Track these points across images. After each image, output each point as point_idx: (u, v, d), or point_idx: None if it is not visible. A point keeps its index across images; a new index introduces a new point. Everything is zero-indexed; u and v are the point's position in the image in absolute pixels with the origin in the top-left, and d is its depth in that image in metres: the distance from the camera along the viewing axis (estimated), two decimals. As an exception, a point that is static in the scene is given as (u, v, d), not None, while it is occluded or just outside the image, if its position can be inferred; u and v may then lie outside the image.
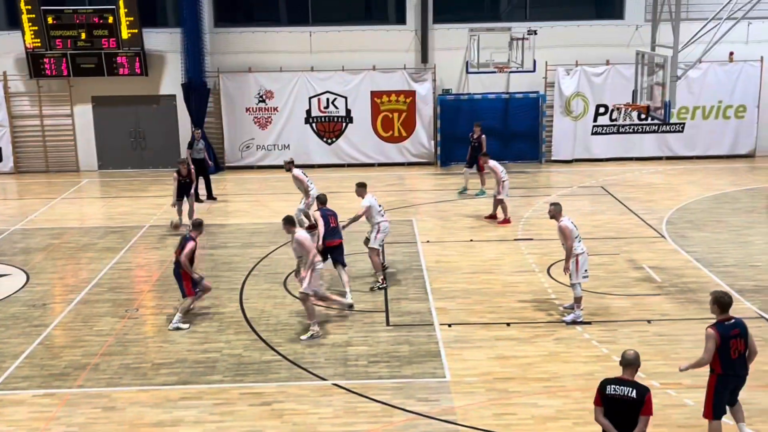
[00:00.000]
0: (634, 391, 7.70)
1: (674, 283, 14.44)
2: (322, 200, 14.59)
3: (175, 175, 17.97)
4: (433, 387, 10.74)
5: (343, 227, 14.59)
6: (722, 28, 15.98)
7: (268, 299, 14.04)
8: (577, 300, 12.76)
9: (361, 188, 14.78)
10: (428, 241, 17.25)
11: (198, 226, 13.35)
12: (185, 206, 18.24)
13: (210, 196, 21.28)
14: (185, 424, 9.95)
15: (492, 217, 18.65)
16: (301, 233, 12.59)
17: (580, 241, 12.70)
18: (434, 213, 19.71)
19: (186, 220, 17.78)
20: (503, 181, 18.18)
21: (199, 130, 22.06)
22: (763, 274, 14.81)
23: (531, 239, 17.23)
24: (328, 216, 14.13)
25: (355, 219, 14.63)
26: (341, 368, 11.34)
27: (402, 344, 12.08)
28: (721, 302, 8.73)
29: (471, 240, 17.30)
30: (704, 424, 9.53)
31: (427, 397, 10.46)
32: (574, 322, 12.64)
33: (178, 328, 12.72)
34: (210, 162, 21.84)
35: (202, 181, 20.61)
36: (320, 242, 13.56)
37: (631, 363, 7.83)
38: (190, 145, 21.11)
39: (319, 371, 11.24)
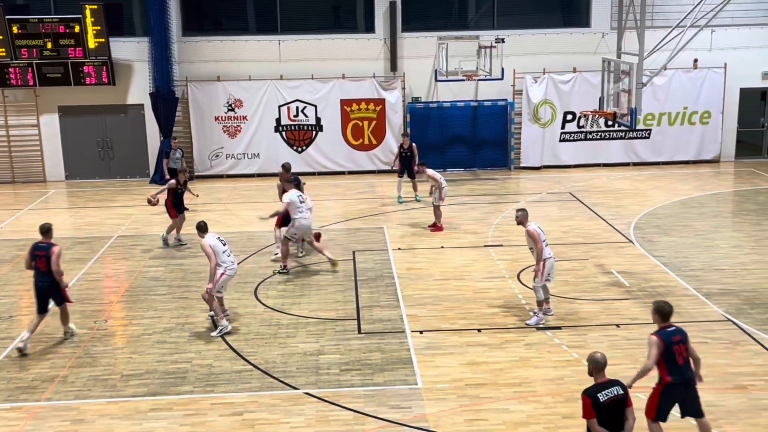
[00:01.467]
0: (620, 388, 7.81)
1: (642, 288, 14.60)
2: (286, 168, 16.82)
3: (173, 182, 17.61)
4: (405, 394, 10.75)
5: (264, 218, 16.57)
6: (686, 36, 16.24)
7: (238, 309, 13.96)
8: (539, 303, 12.90)
9: (289, 183, 16.00)
10: (399, 249, 17.28)
11: (47, 232, 12.58)
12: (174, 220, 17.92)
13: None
14: (155, 435, 9.87)
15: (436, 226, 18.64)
16: (204, 239, 12.78)
17: (547, 246, 12.83)
18: (405, 220, 19.74)
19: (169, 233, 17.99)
20: (443, 188, 18.20)
21: (177, 140, 21.88)
22: (728, 278, 15.03)
23: (501, 245, 17.32)
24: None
25: (275, 214, 16.05)
26: (313, 377, 11.31)
27: (374, 352, 12.08)
28: (662, 311, 8.82)
29: (441, 247, 17.36)
30: (683, 427, 9.64)
31: (399, 404, 10.47)
32: (537, 326, 12.71)
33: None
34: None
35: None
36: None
37: (604, 364, 7.88)
38: (167, 155, 20.93)
39: (290, 380, 11.20)
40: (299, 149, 25.21)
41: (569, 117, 25.26)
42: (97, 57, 23.95)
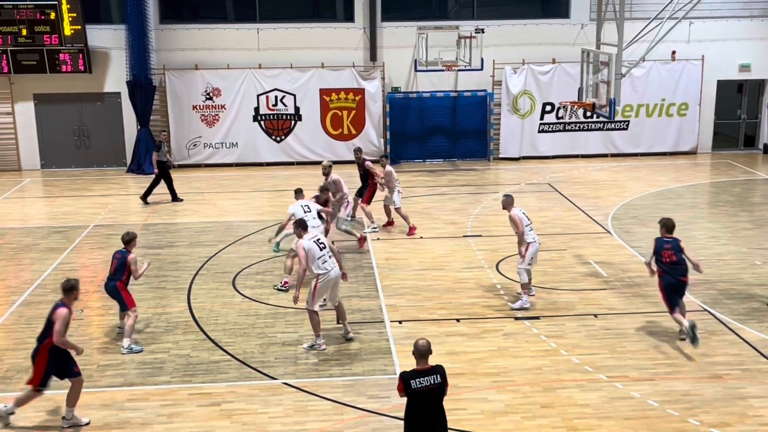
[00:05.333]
0: (438, 376, 7.83)
1: (620, 278, 14.67)
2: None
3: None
4: (383, 384, 10.74)
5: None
6: (664, 28, 16.32)
7: (216, 299, 13.89)
8: (524, 286, 13.13)
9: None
10: (378, 239, 17.25)
11: (132, 240, 12.25)
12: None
13: (175, 198, 20.89)
14: (132, 426, 9.79)
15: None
16: (300, 240, 11.67)
17: (531, 230, 13.16)
18: (384, 211, 19.67)
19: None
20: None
21: (165, 132, 21.40)
22: (705, 268, 15.04)
23: (480, 236, 17.34)
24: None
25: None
26: (291, 367, 11.27)
27: (353, 342, 12.05)
28: (667, 225, 11.95)
29: (421, 237, 17.34)
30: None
31: (377, 394, 10.46)
32: (522, 308, 12.88)
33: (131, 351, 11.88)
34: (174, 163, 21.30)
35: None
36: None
37: (425, 352, 7.90)
38: (157, 148, 20.60)
39: (268, 370, 11.16)
40: (278, 139, 25.08)
41: (548, 108, 25.31)
42: (73, 44, 23.66)
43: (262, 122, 24.98)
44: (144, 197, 20.57)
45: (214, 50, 24.55)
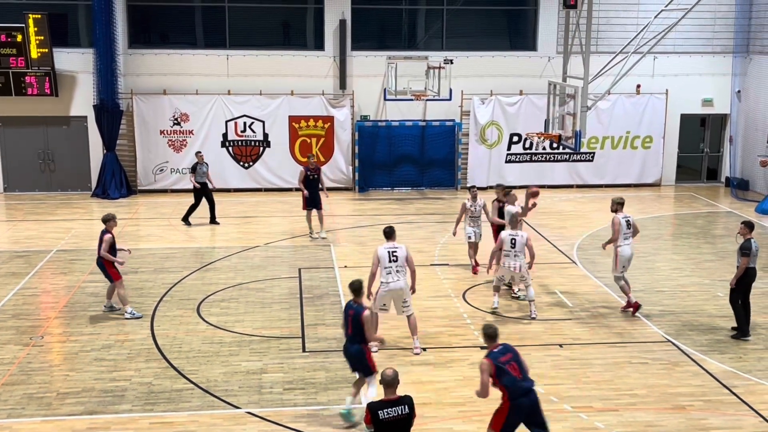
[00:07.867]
0: (406, 407, 7.87)
1: (585, 308, 14.76)
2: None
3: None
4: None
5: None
6: (629, 62, 16.63)
7: (180, 326, 13.72)
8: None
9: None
10: (346, 267, 17.21)
11: (109, 220, 13.94)
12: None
13: (213, 220, 20.87)
14: (91, 455, 9.59)
15: None
16: (378, 248, 12.77)
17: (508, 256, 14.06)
18: (352, 238, 19.68)
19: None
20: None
21: (202, 153, 21.22)
22: (668, 299, 15.30)
23: (447, 264, 17.38)
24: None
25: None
26: (255, 396, 11.14)
27: (318, 370, 11.96)
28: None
29: (388, 265, 17.29)
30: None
31: (343, 424, 10.36)
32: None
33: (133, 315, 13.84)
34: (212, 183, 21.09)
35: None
36: None
37: (392, 381, 7.94)
38: (193, 169, 20.51)
39: (232, 399, 11.02)
40: (246, 165, 25.02)
41: (515, 138, 25.57)
42: (39, 67, 23.46)
43: (230, 148, 24.90)
44: (185, 218, 20.84)
45: (182, 75, 24.49)
